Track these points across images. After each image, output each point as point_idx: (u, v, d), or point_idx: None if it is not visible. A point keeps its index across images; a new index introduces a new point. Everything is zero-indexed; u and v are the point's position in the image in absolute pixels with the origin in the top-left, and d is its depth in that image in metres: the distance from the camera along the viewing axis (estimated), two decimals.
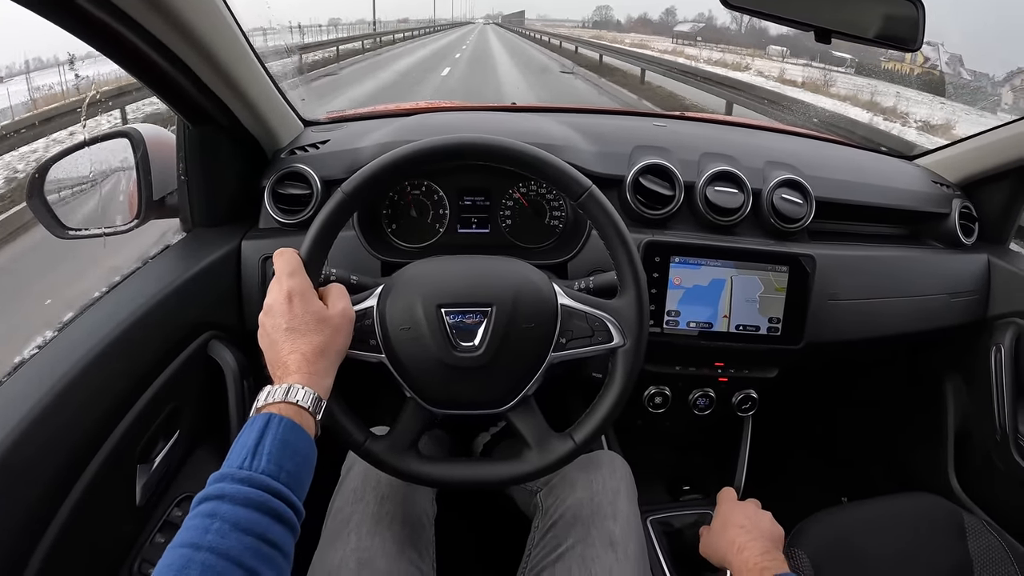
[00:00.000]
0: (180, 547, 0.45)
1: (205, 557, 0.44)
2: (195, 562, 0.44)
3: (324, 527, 0.79)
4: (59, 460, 0.63)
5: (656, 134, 1.11)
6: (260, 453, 0.51)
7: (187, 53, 0.76)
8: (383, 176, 0.68)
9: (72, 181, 0.98)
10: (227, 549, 0.45)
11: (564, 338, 0.70)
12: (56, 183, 0.95)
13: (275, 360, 0.61)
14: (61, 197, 0.96)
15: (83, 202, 1.00)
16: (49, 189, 0.94)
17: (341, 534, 0.75)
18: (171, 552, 0.45)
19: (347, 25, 34.70)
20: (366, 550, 0.73)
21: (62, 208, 0.96)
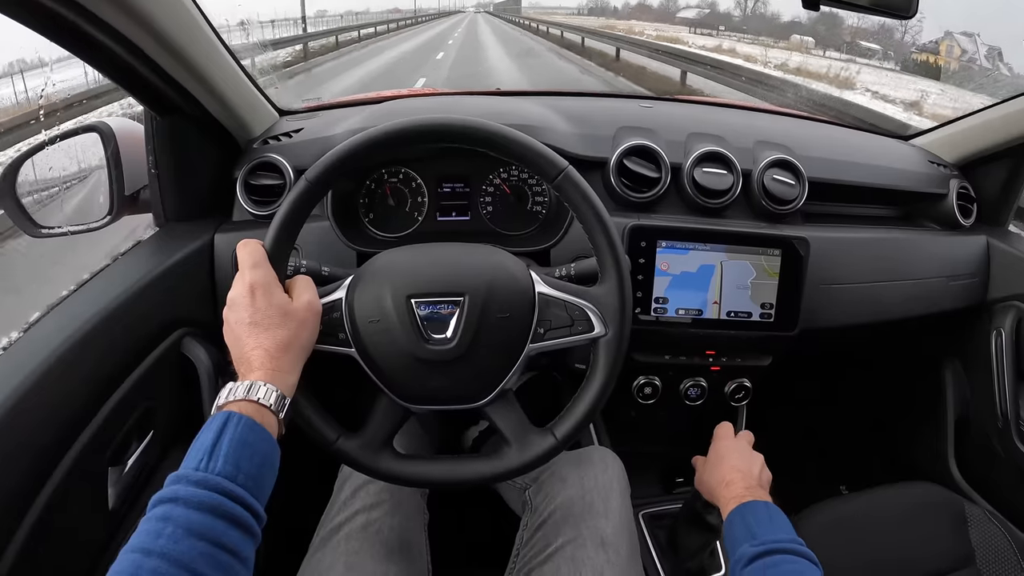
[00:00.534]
0: (131, 552, 0.43)
1: (156, 563, 0.42)
2: (145, 568, 0.42)
3: (315, 535, 0.77)
4: (24, 464, 0.61)
5: (642, 115, 1.08)
6: (217, 454, 0.49)
7: (144, 40, 0.73)
8: (346, 161, 0.65)
9: (44, 179, 0.96)
10: (179, 555, 0.43)
11: (542, 328, 0.67)
12: (28, 183, 0.93)
13: (239, 356, 0.59)
14: (34, 196, 0.94)
15: (57, 200, 0.98)
16: (21, 188, 0.92)
17: (330, 542, 0.74)
18: (123, 557, 0.43)
19: (333, 17, 33.96)
20: (355, 553, 0.72)
21: (36, 207, 0.94)
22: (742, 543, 0.66)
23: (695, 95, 1.62)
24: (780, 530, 0.67)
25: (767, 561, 0.63)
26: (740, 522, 0.70)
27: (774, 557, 0.63)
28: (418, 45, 20.82)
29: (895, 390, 1.37)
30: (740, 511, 0.71)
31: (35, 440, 0.62)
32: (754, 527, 0.68)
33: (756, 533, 0.66)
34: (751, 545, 0.65)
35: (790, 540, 0.65)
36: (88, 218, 0.97)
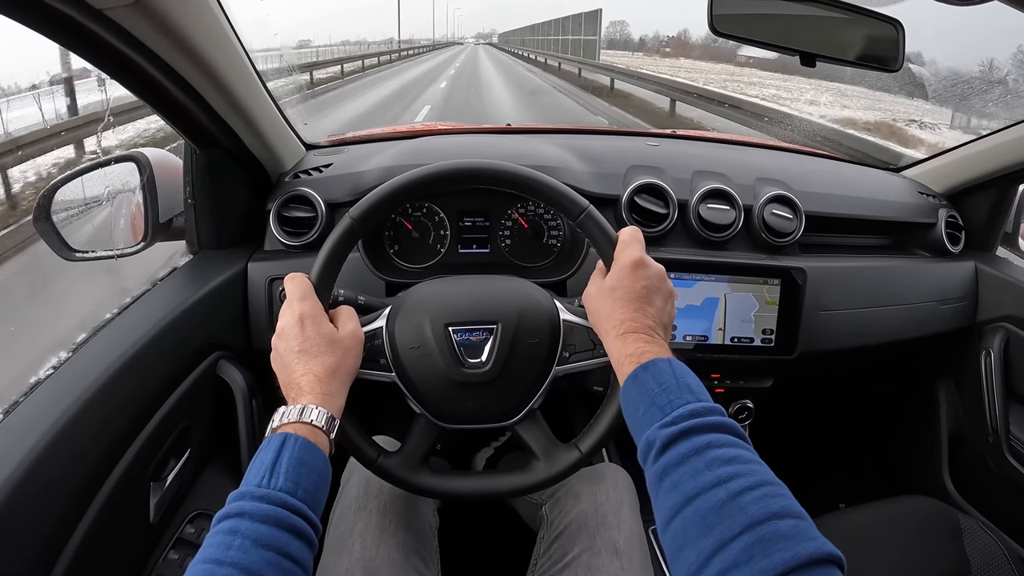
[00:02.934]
0: (203, 563, 0.47)
1: (228, 572, 0.45)
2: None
3: (326, 536, 0.79)
4: (76, 480, 0.65)
5: (649, 154, 1.14)
6: (278, 472, 0.53)
7: (197, 80, 0.78)
8: (390, 201, 0.70)
9: (79, 204, 0.99)
10: (249, 564, 0.46)
11: (567, 352, 0.72)
12: (63, 205, 0.96)
13: (288, 382, 0.62)
14: (68, 220, 0.98)
15: (90, 225, 1.02)
16: (56, 211, 0.95)
17: (345, 543, 0.76)
18: (194, 568, 0.46)
19: (321, 48, 31.37)
20: (371, 559, 0.73)
21: (69, 231, 0.97)
22: (648, 424, 0.53)
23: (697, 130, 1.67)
24: (685, 391, 0.54)
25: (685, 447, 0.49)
26: (640, 393, 0.56)
27: (693, 440, 0.50)
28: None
29: (891, 409, 1.42)
30: (637, 377, 0.57)
31: (85, 458, 0.66)
32: (658, 397, 0.54)
33: (663, 406, 0.53)
34: (660, 425, 0.52)
35: (707, 409, 0.52)
36: (118, 243, 1.01)
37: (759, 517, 0.43)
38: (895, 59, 0.86)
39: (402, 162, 1.04)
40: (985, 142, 1.16)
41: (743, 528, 0.43)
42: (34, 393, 0.68)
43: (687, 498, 0.47)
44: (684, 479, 0.48)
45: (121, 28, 0.64)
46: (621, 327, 0.62)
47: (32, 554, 0.59)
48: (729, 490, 0.46)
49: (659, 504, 0.50)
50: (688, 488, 0.47)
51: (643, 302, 0.63)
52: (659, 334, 0.62)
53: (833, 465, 1.54)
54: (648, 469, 0.52)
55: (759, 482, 0.46)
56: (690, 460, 0.49)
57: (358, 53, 27.64)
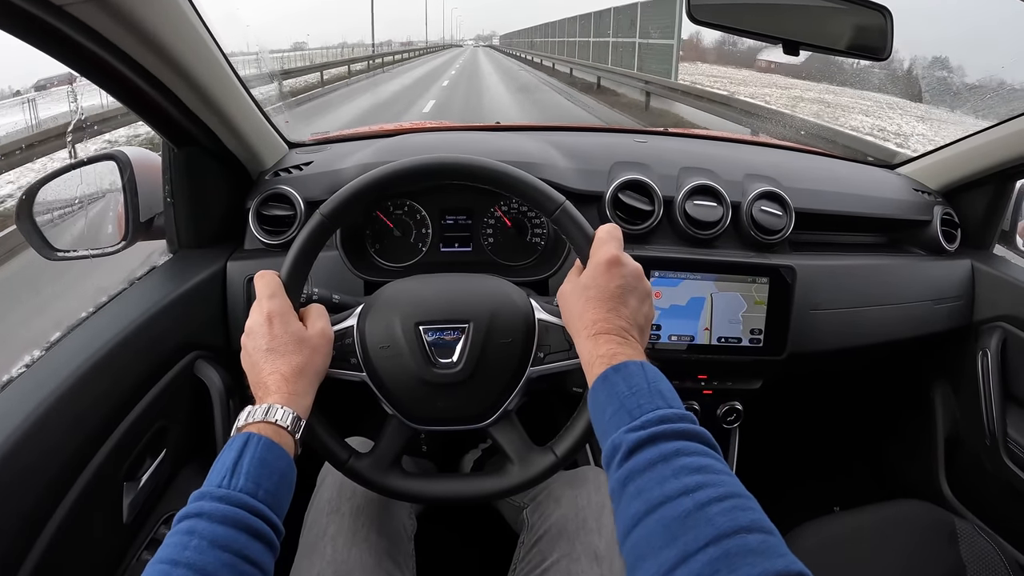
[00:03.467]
0: (159, 563, 0.46)
1: (183, 573, 0.45)
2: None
3: (300, 539, 0.79)
4: (45, 478, 0.64)
5: (636, 150, 1.13)
6: (239, 472, 0.52)
7: (167, 76, 0.77)
8: (359, 197, 0.69)
9: (60, 203, 0.99)
10: (205, 565, 0.45)
11: (542, 352, 0.70)
12: (45, 205, 0.96)
13: (256, 381, 0.62)
14: (50, 219, 0.97)
15: (71, 224, 1.01)
16: (38, 211, 0.95)
17: (317, 546, 0.75)
18: (151, 568, 0.46)
19: (315, 50, 30.27)
20: (343, 563, 0.72)
21: (51, 230, 0.97)
22: (615, 427, 0.51)
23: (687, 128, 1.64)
24: (656, 396, 0.52)
25: (652, 453, 0.47)
26: (608, 396, 0.54)
27: (661, 446, 0.47)
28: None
29: (886, 411, 1.40)
30: (607, 379, 0.55)
31: (56, 455, 0.65)
32: (628, 400, 0.52)
33: (632, 409, 0.51)
34: (627, 429, 0.49)
35: (678, 416, 0.50)
36: (100, 242, 1.01)
37: (726, 530, 0.41)
38: (883, 48, 0.84)
39: (382, 159, 1.03)
40: (981, 138, 1.14)
41: (709, 540, 0.41)
42: (5, 391, 0.68)
43: (651, 506, 0.45)
44: (649, 486, 0.46)
45: (83, 24, 0.63)
46: (593, 327, 0.60)
47: (0, 549, 0.58)
48: (696, 500, 0.43)
49: (621, 511, 0.48)
50: (653, 496, 0.45)
51: (617, 302, 0.61)
52: (633, 336, 0.60)
53: (827, 468, 1.52)
54: (611, 474, 0.50)
55: (728, 493, 0.44)
56: (656, 467, 0.46)
57: (332, 60, 23.38)
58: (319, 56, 26.39)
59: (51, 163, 4.15)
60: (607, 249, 0.64)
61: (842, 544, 0.94)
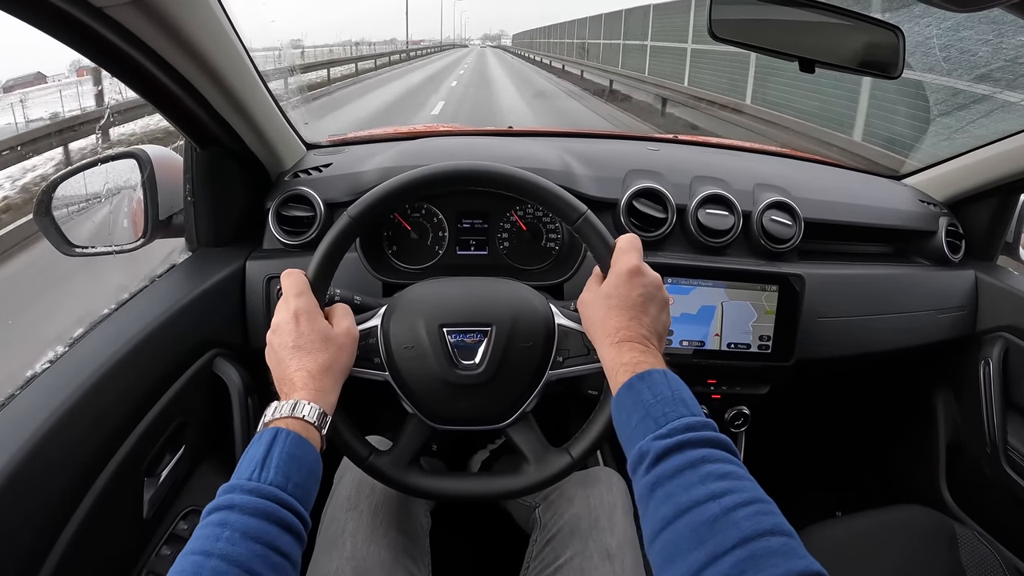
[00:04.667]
0: (191, 554, 0.47)
1: (216, 564, 0.45)
2: (206, 568, 0.45)
3: (318, 535, 0.80)
4: (70, 474, 0.65)
5: (649, 158, 1.14)
6: (268, 465, 0.53)
7: (198, 78, 0.79)
8: (388, 201, 0.70)
9: (80, 199, 1.00)
10: (237, 556, 0.46)
11: (561, 356, 0.72)
12: (64, 201, 0.97)
13: (282, 377, 0.63)
14: (68, 215, 0.98)
15: (90, 221, 1.02)
16: (57, 206, 0.96)
17: (336, 542, 0.76)
18: (183, 559, 0.47)
19: (309, 49, 28.49)
20: (362, 559, 0.74)
21: (69, 226, 0.98)
22: (641, 434, 0.53)
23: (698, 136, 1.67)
24: (680, 404, 0.54)
25: (679, 460, 0.49)
26: (634, 403, 0.56)
27: (688, 453, 0.49)
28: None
29: (889, 417, 1.42)
30: (632, 387, 0.57)
31: (80, 451, 0.67)
32: (653, 408, 0.54)
33: (657, 417, 0.53)
34: (654, 437, 0.51)
35: (701, 424, 0.52)
36: (118, 239, 1.02)
37: (751, 533, 0.44)
38: (895, 65, 0.85)
39: (402, 163, 1.05)
40: (987, 151, 1.16)
41: (735, 543, 0.43)
42: (30, 386, 0.69)
43: (680, 510, 0.47)
44: (677, 491, 0.48)
45: (121, 26, 0.65)
46: (616, 335, 0.62)
47: (24, 546, 0.59)
48: (723, 505, 0.46)
49: (649, 515, 0.50)
50: (681, 500, 0.47)
51: (639, 311, 0.63)
52: (653, 343, 0.62)
53: (830, 473, 1.53)
54: (638, 480, 0.52)
55: (752, 499, 0.47)
56: (684, 473, 0.49)
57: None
58: (312, 55, 25.28)
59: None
60: (628, 259, 0.66)
61: (843, 548, 0.95)
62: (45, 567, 0.61)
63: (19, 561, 0.59)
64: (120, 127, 4.75)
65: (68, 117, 5.74)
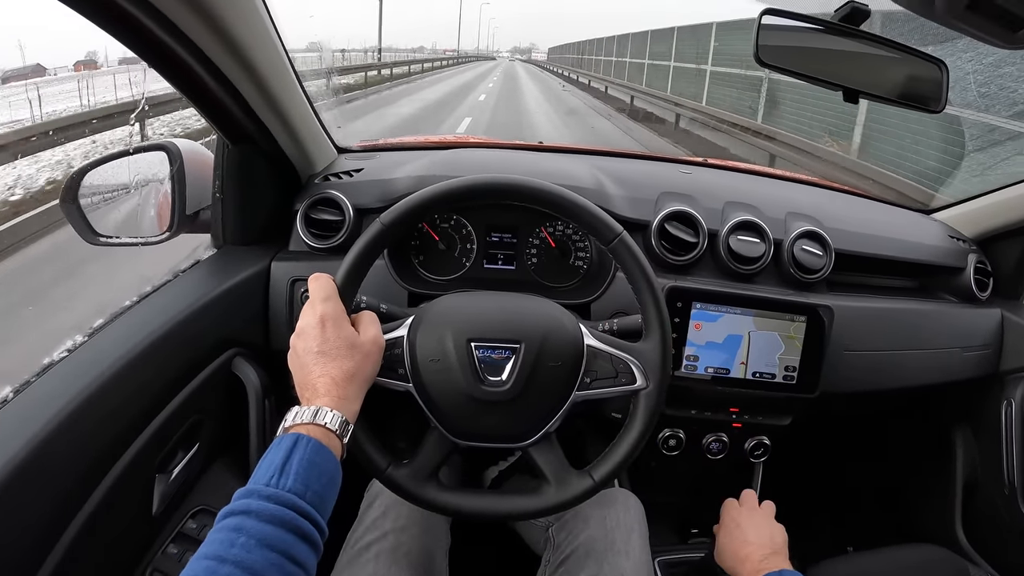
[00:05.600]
0: (205, 559, 0.46)
1: (230, 571, 0.45)
2: (220, 574, 0.44)
3: (342, 552, 0.80)
4: (82, 464, 0.64)
5: (682, 181, 1.13)
6: (287, 472, 0.52)
7: (236, 74, 0.78)
8: (423, 210, 0.70)
9: (106, 189, 1.00)
10: (252, 564, 0.45)
11: (588, 378, 0.71)
12: (91, 189, 0.97)
13: (304, 382, 0.61)
14: (95, 204, 0.98)
15: (116, 211, 1.02)
16: (84, 195, 0.96)
17: (357, 561, 0.76)
18: (195, 563, 0.46)
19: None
20: (384, 573, 0.74)
21: (95, 215, 0.98)
22: None
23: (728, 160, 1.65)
24: None
25: None
26: None
27: None
28: None
29: (906, 453, 1.40)
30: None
31: (94, 442, 0.66)
32: None
33: None
34: None
35: None
36: (143, 231, 1.01)
37: None
38: (938, 100, 0.85)
39: (434, 172, 1.04)
40: (1019, 188, 1.15)
41: None
42: (47, 374, 0.68)
43: None
44: None
45: (165, 18, 0.65)
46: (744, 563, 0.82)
47: (32, 535, 0.59)
48: None
49: None
50: None
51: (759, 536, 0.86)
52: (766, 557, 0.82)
53: (844, 507, 1.51)
54: None
55: None
56: None
57: None
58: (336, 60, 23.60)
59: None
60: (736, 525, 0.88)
61: None
62: (52, 556, 0.60)
63: (27, 549, 0.58)
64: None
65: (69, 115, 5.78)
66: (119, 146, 0.99)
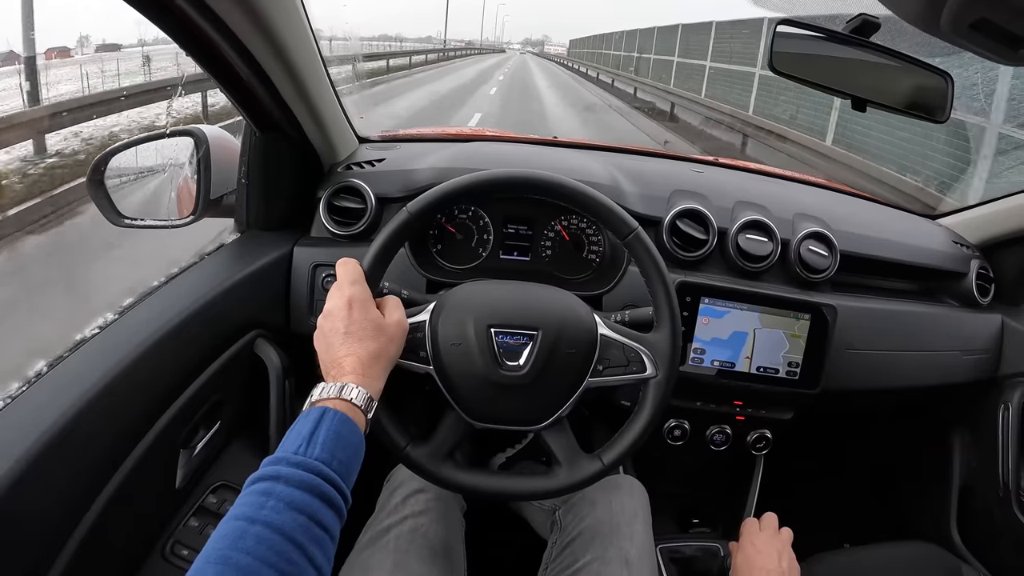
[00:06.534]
0: (236, 519, 0.48)
1: (259, 530, 0.46)
2: (250, 534, 0.46)
3: (364, 531, 0.83)
4: (112, 437, 0.67)
5: (694, 180, 1.16)
6: (315, 441, 0.54)
7: (269, 63, 0.81)
8: (448, 200, 0.73)
9: (132, 172, 1.02)
10: (281, 525, 0.47)
11: (601, 365, 0.74)
12: (117, 172, 0.99)
13: (330, 361, 0.64)
14: (121, 185, 1.01)
15: (141, 193, 1.04)
16: (110, 176, 0.98)
17: (378, 541, 0.79)
18: (226, 524, 0.48)
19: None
20: (403, 552, 0.77)
21: (120, 196, 1.00)
22: None
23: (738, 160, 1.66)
24: None
25: None
26: None
27: None
28: None
29: (904, 453, 1.42)
30: None
31: (123, 417, 0.69)
32: None
33: None
34: None
35: None
36: (167, 214, 1.04)
37: None
38: (943, 110, 0.87)
39: (456, 164, 1.07)
40: (1022, 197, 1.17)
41: None
42: (79, 350, 0.71)
43: None
44: None
45: (207, 7, 0.67)
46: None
47: (65, 503, 0.61)
48: None
49: None
50: None
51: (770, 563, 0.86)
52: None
53: (842, 503, 1.54)
54: None
55: None
56: None
57: None
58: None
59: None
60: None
61: None
62: (82, 524, 0.63)
63: (60, 516, 0.61)
64: None
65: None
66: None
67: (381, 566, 0.76)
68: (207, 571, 0.44)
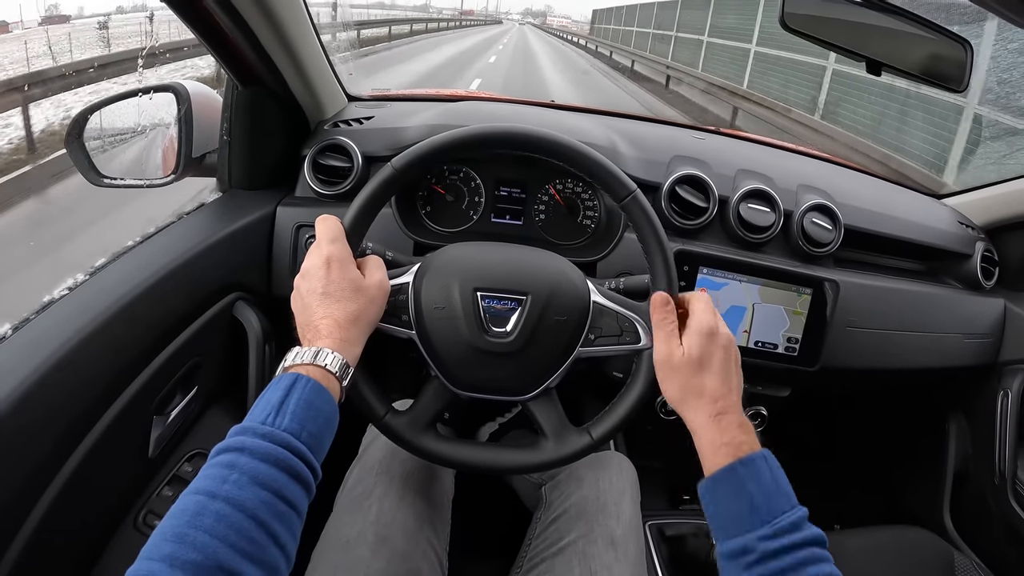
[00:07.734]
0: (196, 494, 0.45)
1: (220, 507, 0.44)
2: (210, 510, 0.44)
3: (339, 497, 0.79)
4: (80, 402, 0.64)
5: (695, 146, 1.12)
6: (284, 411, 0.51)
7: (250, 12, 0.77)
8: (435, 156, 0.68)
9: (112, 131, 0.98)
10: (243, 501, 0.45)
11: (593, 334, 0.71)
12: (96, 130, 0.96)
13: (306, 323, 0.61)
14: (100, 145, 0.97)
15: (120, 152, 1.00)
16: (89, 136, 0.94)
17: (362, 506, 0.75)
18: (186, 498, 0.45)
19: None
20: (386, 525, 0.73)
21: (99, 156, 0.96)
22: (744, 528, 0.54)
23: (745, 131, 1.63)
24: (783, 497, 0.55)
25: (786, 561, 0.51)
26: (736, 492, 0.56)
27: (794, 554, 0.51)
28: None
29: (899, 436, 1.41)
30: (735, 472, 0.56)
31: (93, 380, 0.66)
32: (758, 499, 0.54)
33: (763, 514, 0.54)
34: (761, 537, 0.52)
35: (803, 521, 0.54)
36: (148, 173, 1.00)
37: None
38: (960, 79, 0.84)
39: (446, 122, 1.03)
40: None
41: None
42: (46, 312, 0.68)
43: None
44: None
45: None
46: (714, 406, 0.61)
47: (28, 470, 0.59)
48: None
49: None
50: None
51: (728, 374, 0.63)
52: (741, 412, 0.62)
53: (834, 484, 1.53)
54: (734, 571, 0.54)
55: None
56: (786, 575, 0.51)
57: None
58: None
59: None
60: (709, 317, 0.65)
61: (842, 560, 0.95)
62: (46, 495, 0.60)
63: (23, 483, 0.58)
64: None
65: None
66: None
67: (363, 538, 0.72)
68: (163, 548, 0.42)
